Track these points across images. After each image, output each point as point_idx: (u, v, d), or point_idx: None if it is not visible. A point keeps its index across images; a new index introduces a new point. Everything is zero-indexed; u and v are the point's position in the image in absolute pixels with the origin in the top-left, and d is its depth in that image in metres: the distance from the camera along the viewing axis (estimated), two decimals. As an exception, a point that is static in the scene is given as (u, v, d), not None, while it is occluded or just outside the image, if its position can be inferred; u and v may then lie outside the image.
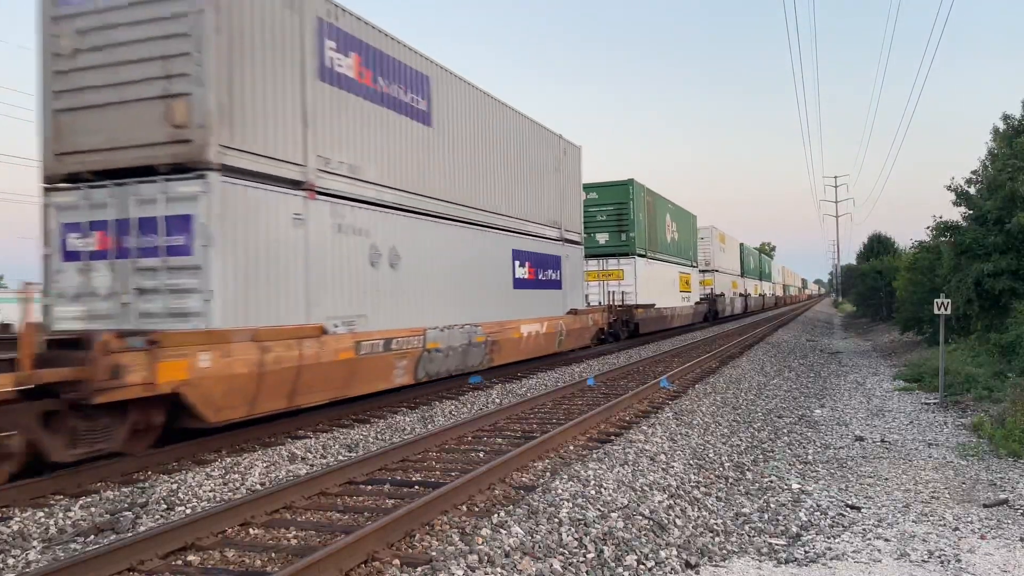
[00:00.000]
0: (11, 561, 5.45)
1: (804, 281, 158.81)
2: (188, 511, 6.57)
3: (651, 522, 6.15)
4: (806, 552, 5.87)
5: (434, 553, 5.26)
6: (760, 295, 65.13)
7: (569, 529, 5.79)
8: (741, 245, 55.41)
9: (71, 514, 6.43)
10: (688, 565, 5.52)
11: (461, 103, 14.71)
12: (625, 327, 26.09)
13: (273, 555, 5.43)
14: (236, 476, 7.67)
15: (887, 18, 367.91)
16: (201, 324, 8.61)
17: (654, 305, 28.28)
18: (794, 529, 6.47)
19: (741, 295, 53.03)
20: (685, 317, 34.79)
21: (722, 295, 44.34)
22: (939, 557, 5.69)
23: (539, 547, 5.42)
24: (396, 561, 5.13)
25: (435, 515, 6.07)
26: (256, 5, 9.40)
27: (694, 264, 37.34)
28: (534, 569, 5.06)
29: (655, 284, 29.10)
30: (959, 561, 5.60)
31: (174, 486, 7.19)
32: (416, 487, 7.20)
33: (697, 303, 37.68)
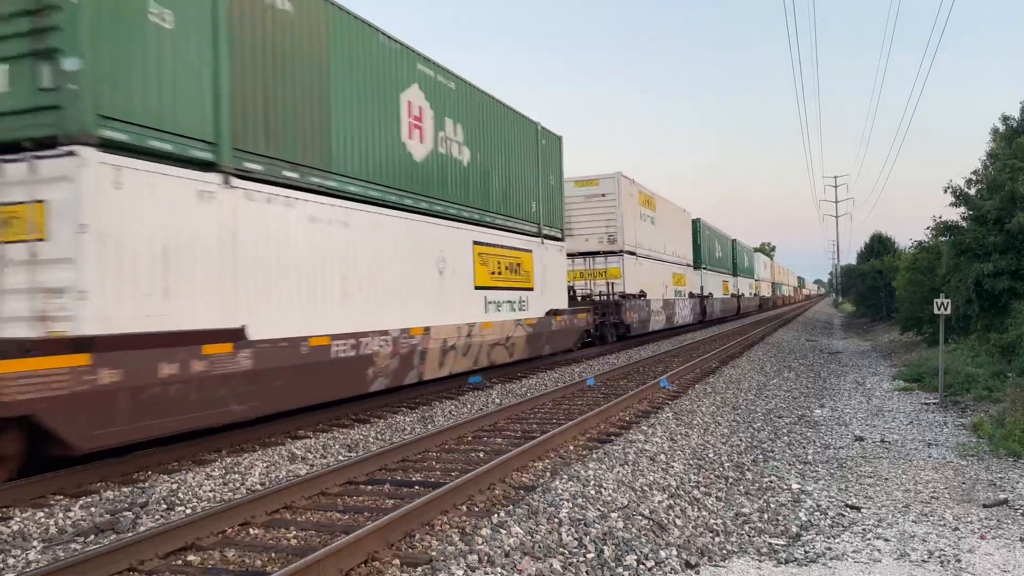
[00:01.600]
0: (11, 561, 5.45)
1: (800, 280, 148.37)
2: (188, 511, 6.57)
3: (651, 522, 6.15)
4: (806, 552, 5.86)
5: (434, 553, 5.26)
6: (733, 295, 50.43)
7: (569, 529, 5.80)
8: (696, 222, 39.52)
9: (71, 514, 6.43)
10: (688, 565, 5.52)
11: None
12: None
13: (273, 555, 5.44)
14: (236, 476, 7.68)
15: (887, 18, 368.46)
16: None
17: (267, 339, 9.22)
18: (794, 529, 6.47)
19: (694, 296, 37.22)
20: (487, 349, 15.26)
21: (641, 296, 26.68)
22: (939, 557, 5.69)
23: (539, 547, 5.42)
24: (396, 561, 5.13)
25: (435, 515, 6.07)
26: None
27: (544, 233, 18.88)
28: (534, 569, 5.06)
29: (291, 276, 9.85)
30: (959, 561, 5.60)
31: (174, 486, 7.20)
32: (416, 487, 7.20)
33: (553, 313, 18.95)
